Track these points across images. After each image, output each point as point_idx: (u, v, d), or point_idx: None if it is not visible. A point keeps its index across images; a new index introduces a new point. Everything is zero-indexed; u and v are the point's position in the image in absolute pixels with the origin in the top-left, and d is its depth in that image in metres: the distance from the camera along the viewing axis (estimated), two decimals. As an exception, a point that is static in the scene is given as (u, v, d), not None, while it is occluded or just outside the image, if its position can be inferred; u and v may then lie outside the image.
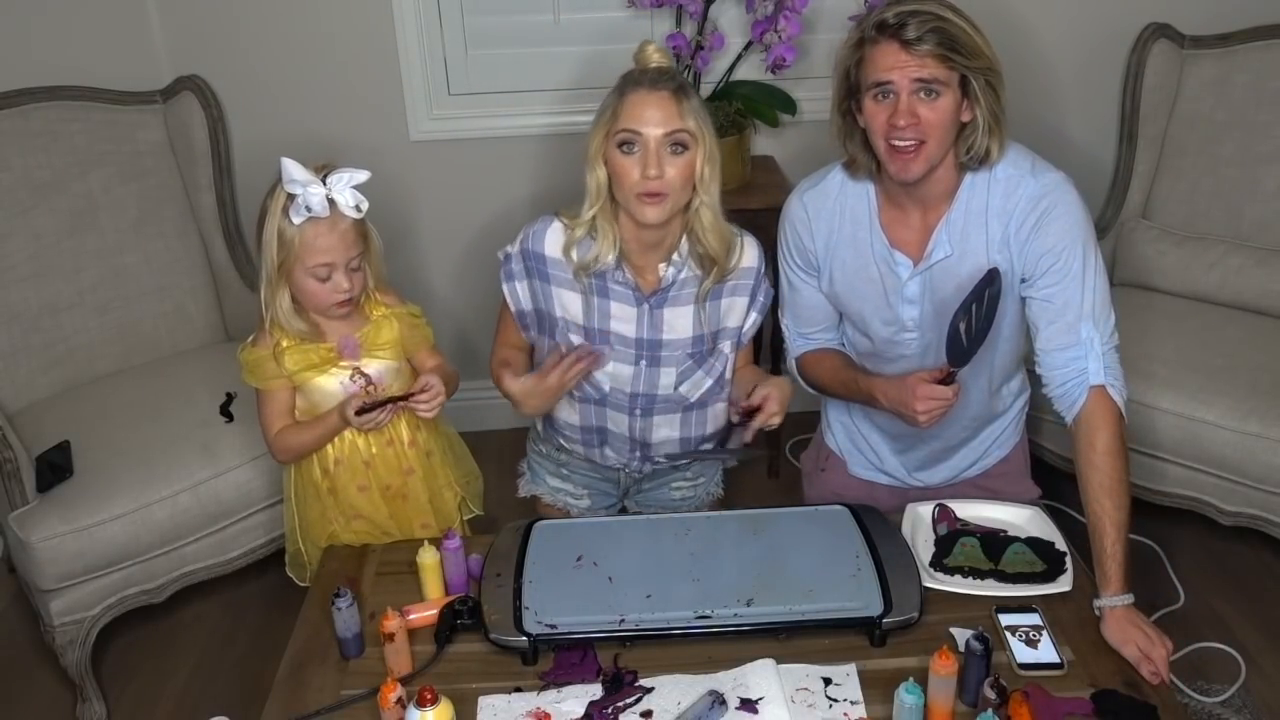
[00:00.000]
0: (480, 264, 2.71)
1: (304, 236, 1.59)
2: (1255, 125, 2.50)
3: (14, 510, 1.96)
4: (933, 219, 1.62)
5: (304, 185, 1.56)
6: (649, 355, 1.68)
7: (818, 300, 1.76)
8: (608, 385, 1.70)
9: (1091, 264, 1.58)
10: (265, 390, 1.70)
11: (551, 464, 1.88)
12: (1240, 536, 2.26)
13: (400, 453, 1.78)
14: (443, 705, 1.25)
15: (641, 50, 1.59)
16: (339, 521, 1.77)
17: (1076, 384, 1.56)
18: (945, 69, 1.47)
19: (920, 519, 1.65)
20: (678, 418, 1.74)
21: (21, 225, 2.31)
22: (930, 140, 1.50)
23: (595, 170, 1.60)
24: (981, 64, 1.49)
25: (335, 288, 1.63)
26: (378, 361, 1.73)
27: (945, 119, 1.50)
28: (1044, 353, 1.60)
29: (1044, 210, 1.56)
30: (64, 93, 2.40)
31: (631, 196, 1.55)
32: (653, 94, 1.53)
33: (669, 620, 1.43)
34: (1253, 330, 2.38)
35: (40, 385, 2.33)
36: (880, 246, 1.65)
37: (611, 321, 1.67)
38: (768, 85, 2.57)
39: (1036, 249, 1.57)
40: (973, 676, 1.30)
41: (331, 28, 2.59)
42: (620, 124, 1.54)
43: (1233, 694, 1.99)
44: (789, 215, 1.73)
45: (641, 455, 1.78)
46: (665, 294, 1.66)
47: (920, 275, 1.64)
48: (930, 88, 1.48)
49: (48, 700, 2.14)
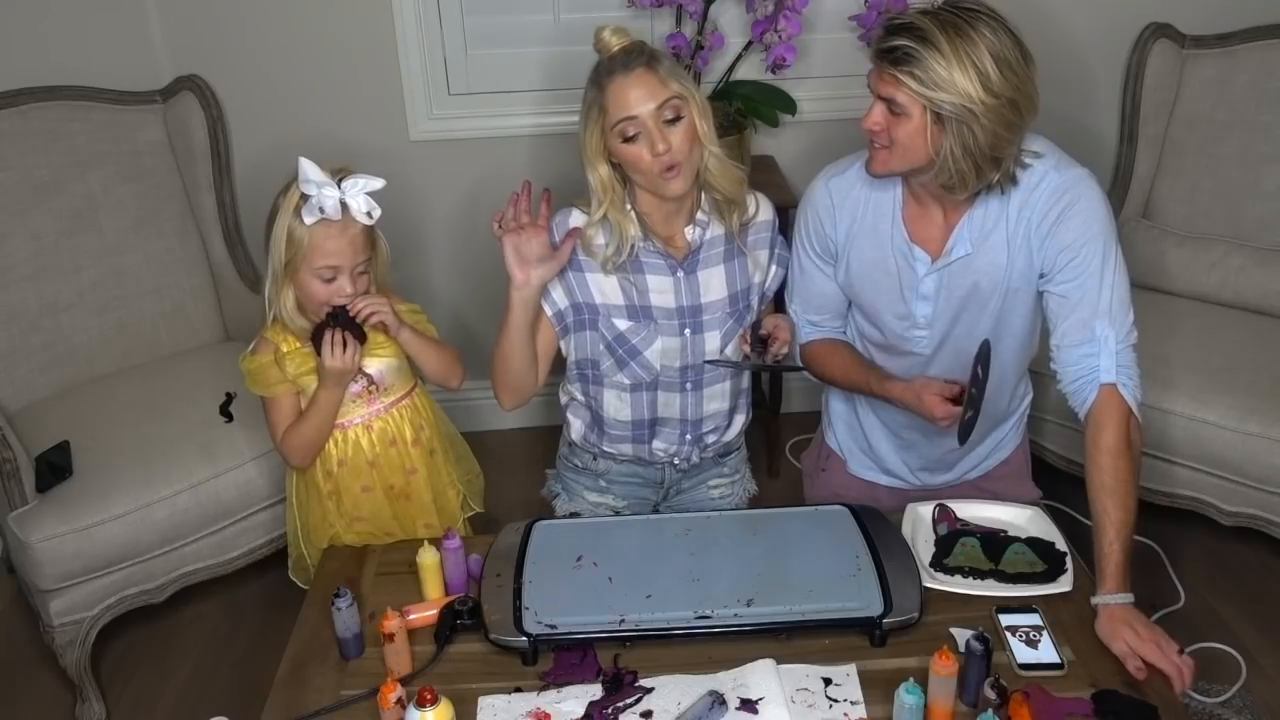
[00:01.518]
0: (481, 263, 2.71)
1: (314, 238, 1.60)
2: (1255, 125, 2.50)
3: (14, 510, 1.96)
4: (954, 218, 1.62)
5: (319, 187, 1.57)
6: (692, 322, 1.69)
7: (831, 288, 1.76)
8: (658, 364, 1.70)
9: (1111, 261, 1.57)
10: (270, 397, 1.70)
11: (589, 477, 1.86)
12: (1240, 536, 2.26)
13: (404, 452, 1.78)
14: (443, 705, 1.25)
15: (598, 39, 1.59)
16: (341, 524, 1.77)
17: (1088, 381, 1.56)
18: (906, 96, 1.45)
19: (920, 519, 1.65)
20: (726, 386, 1.76)
21: (21, 225, 2.31)
22: (893, 151, 1.52)
23: (597, 169, 1.61)
24: (950, 99, 1.42)
25: (338, 290, 1.63)
26: (379, 360, 1.73)
27: (903, 137, 1.49)
28: (1058, 349, 1.60)
29: (1065, 205, 1.56)
30: (64, 93, 2.41)
31: (653, 177, 1.58)
32: (629, 76, 1.54)
33: (669, 620, 1.43)
34: (1253, 330, 2.38)
35: (40, 385, 2.33)
36: (900, 240, 1.65)
37: (651, 296, 1.68)
38: (768, 85, 2.57)
39: (1056, 244, 1.57)
40: (973, 676, 1.30)
41: (331, 28, 2.59)
42: (612, 117, 1.55)
43: (1233, 694, 1.99)
44: (812, 200, 1.72)
45: (692, 438, 1.79)
46: (697, 257, 1.68)
47: (937, 272, 1.64)
48: (894, 107, 1.48)
49: (47, 700, 2.14)
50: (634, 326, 1.68)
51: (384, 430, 1.75)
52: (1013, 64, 1.44)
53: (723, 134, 2.42)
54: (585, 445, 1.83)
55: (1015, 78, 1.44)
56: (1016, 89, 1.45)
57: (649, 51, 1.57)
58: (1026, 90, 1.47)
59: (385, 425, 1.76)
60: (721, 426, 1.81)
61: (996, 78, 1.43)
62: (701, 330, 1.70)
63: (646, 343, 1.69)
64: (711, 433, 1.81)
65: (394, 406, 1.76)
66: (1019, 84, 1.45)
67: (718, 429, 1.81)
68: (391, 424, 1.76)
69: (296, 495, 1.80)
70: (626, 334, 1.68)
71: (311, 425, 1.69)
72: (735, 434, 1.86)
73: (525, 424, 2.92)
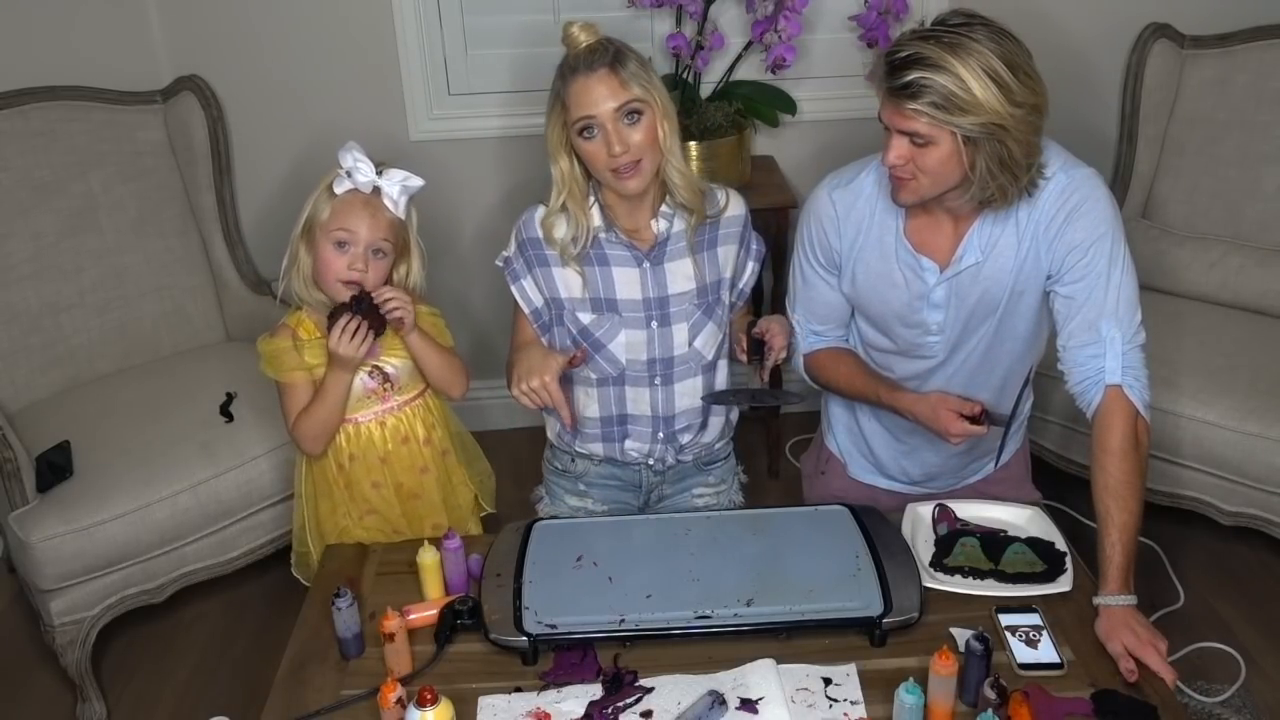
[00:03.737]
0: (481, 263, 2.71)
1: (336, 204, 1.64)
2: (1255, 125, 2.50)
3: (14, 510, 1.96)
4: (964, 227, 1.61)
5: (356, 160, 1.62)
6: (659, 314, 1.69)
7: (834, 298, 1.75)
8: (623, 357, 1.70)
9: (1119, 262, 1.56)
10: (284, 382, 1.70)
11: (569, 480, 1.86)
12: (1240, 536, 2.26)
13: (416, 450, 1.78)
14: (443, 705, 1.25)
15: (566, 34, 1.60)
16: (351, 516, 1.77)
17: (1093, 382, 1.56)
18: (930, 126, 1.43)
19: (920, 519, 1.65)
20: (698, 381, 1.75)
21: (21, 225, 2.31)
22: (920, 180, 1.51)
23: (558, 161, 1.64)
24: (978, 119, 1.41)
25: (350, 263, 1.64)
26: (395, 359, 1.73)
27: (933, 165, 1.48)
28: (1065, 349, 1.59)
29: (1073, 206, 1.55)
30: (64, 93, 2.41)
31: (608, 174, 1.60)
32: (591, 75, 1.55)
33: (669, 620, 1.43)
34: (1253, 330, 2.38)
35: (40, 385, 2.33)
36: (905, 254, 1.64)
37: (617, 288, 1.68)
38: (768, 85, 2.57)
39: (1064, 245, 1.56)
40: (973, 676, 1.30)
41: (332, 27, 2.59)
42: (573, 114, 1.57)
43: (1233, 694, 1.99)
44: (815, 211, 1.71)
45: (665, 436, 1.77)
46: (664, 248, 1.68)
47: (947, 281, 1.63)
48: (916, 139, 1.46)
49: (48, 700, 2.14)
50: (597, 320, 1.68)
51: (396, 427, 1.75)
52: (1025, 67, 1.43)
53: (723, 134, 2.43)
54: (561, 445, 1.84)
55: (1031, 80, 1.44)
56: (1034, 92, 1.44)
57: (614, 51, 1.57)
58: (1042, 90, 1.46)
59: (398, 423, 1.76)
60: (695, 424, 1.79)
61: (1016, 86, 1.41)
62: (669, 323, 1.70)
63: (610, 335, 1.69)
64: (684, 431, 1.78)
65: (407, 405, 1.76)
66: (1034, 86, 1.44)
67: (691, 427, 1.78)
68: (404, 422, 1.76)
69: (306, 488, 1.80)
70: (590, 327, 1.69)
71: (322, 408, 1.69)
72: (714, 435, 1.83)
73: (525, 424, 2.91)
